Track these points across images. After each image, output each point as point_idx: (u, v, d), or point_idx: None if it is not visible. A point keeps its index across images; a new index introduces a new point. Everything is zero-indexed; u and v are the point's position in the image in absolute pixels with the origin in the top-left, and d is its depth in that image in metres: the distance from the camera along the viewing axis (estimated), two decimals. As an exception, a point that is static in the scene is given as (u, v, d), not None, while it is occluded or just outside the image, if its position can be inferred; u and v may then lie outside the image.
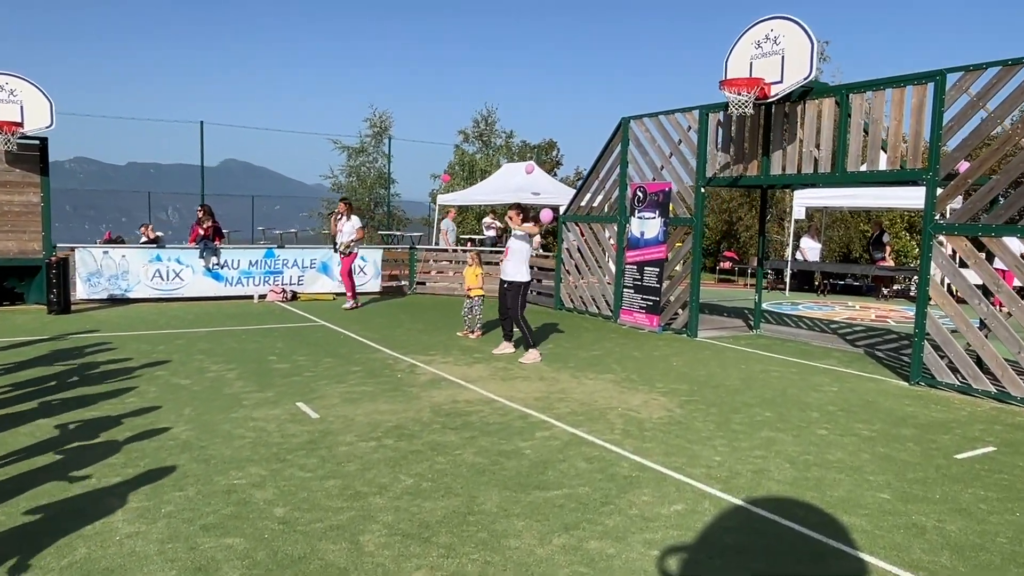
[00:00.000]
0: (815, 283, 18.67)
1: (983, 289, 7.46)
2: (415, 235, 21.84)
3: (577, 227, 12.51)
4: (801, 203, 18.02)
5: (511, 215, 8.78)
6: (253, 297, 13.21)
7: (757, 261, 11.30)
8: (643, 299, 10.87)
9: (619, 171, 11.52)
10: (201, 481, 4.39)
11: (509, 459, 4.94)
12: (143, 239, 14.76)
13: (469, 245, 18.71)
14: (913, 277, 17.03)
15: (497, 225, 19.76)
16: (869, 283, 18.55)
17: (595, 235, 12.13)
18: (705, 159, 10.07)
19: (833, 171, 8.57)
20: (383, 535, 3.72)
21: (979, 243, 7.42)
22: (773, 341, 10.21)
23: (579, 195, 12.62)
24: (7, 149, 10.82)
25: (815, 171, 8.78)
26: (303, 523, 3.84)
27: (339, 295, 14.09)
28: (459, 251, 15.74)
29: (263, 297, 13.27)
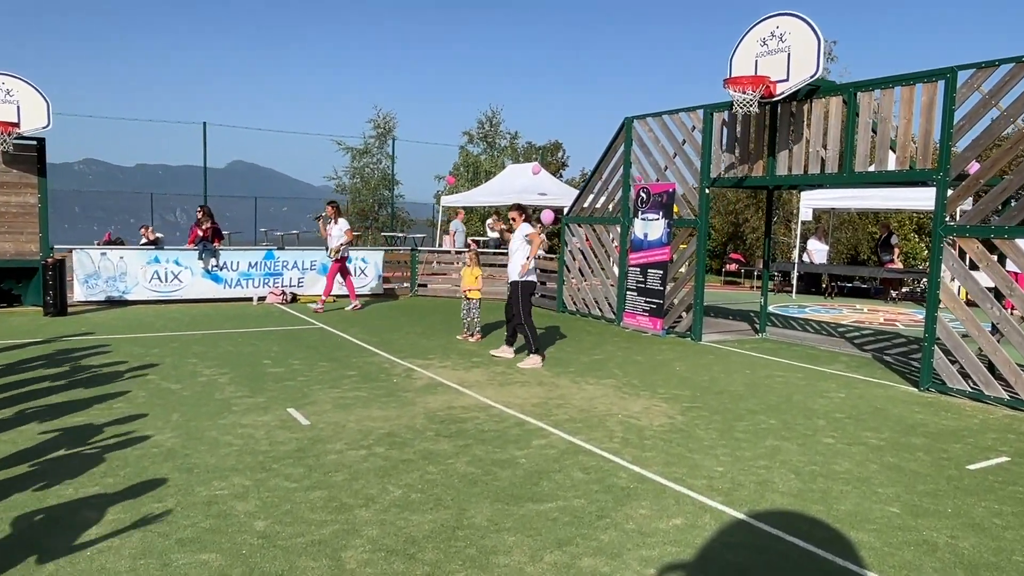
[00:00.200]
0: (822, 285, 18.42)
1: (995, 292, 7.25)
2: (418, 236, 21.68)
3: (580, 228, 12.33)
4: (808, 204, 17.78)
5: (512, 216, 8.64)
6: (252, 299, 13.07)
7: (763, 263, 11.09)
8: (646, 302, 10.68)
9: (622, 172, 11.34)
10: (182, 492, 4.23)
11: (503, 469, 4.77)
12: (143, 240, 14.64)
13: (474, 246, 18.52)
14: (922, 280, 16.78)
15: (501, 227, 19.59)
16: (877, 286, 18.31)
17: (598, 237, 11.94)
18: (710, 159, 9.88)
19: (840, 171, 8.37)
20: (366, 551, 3.55)
21: (991, 245, 7.21)
22: (779, 345, 10.01)
23: (582, 196, 12.44)
24: (3, 150, 10.71)
25: (822, 171, 8.58)
26: (284, 537, 3.67)
27: (339, 297, 13.95)
28: (462, 252, 15.56)
29: (262, 299, 13.13)
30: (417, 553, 3.54)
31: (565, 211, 13.02)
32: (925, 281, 16.28)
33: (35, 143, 11.47)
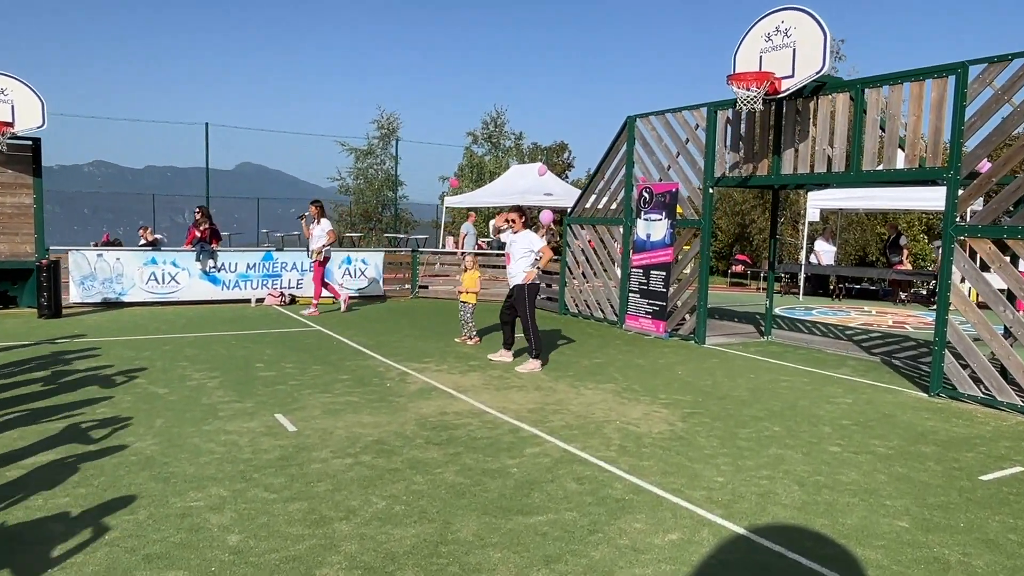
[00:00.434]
0: (830, 287, 18.15)
1: (1008, 294, 7.02)
2: (420, 237, 21.51)
3: (582, 229, 12.12)
4: (815, 205, 17.53)
5: (513, 218, 8.39)
6: (250, 301, 12.92)
7: (768, 264, 10.86)
8: (649, 304, 10.47)
9: (625, 171, 11.13)
10: (155, 503, 4.05)
11: (493, 479, 4.57)
12: (141, 241, 14.52)
13: (482, 247, 18.28)
14: (929, 281, 16.51)
15: (500, 224, 19.38)
16: (886, 287, 18.03)
17: (600, 238, 11.74)
18: (713, 158, 9.66)
19: (848, 170, 8.14)
20: (342, 568, 3.36)
21: (1003, 245, 6.97)
22: (785, 348, 9.78)
23: (584, 196, 12.23)
24: (-2, 150, 10.60)
25: (829, 170, 8.35)
26: (257, 553, 3.49)
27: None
28: (464, 254, 15.37)
29: (261, 301, 12.98)
30: (396, 571, 3.35)
31: (568, 211, 12.82)
32: (932, 282, 16.03)
33: (30, 143, 11.34)
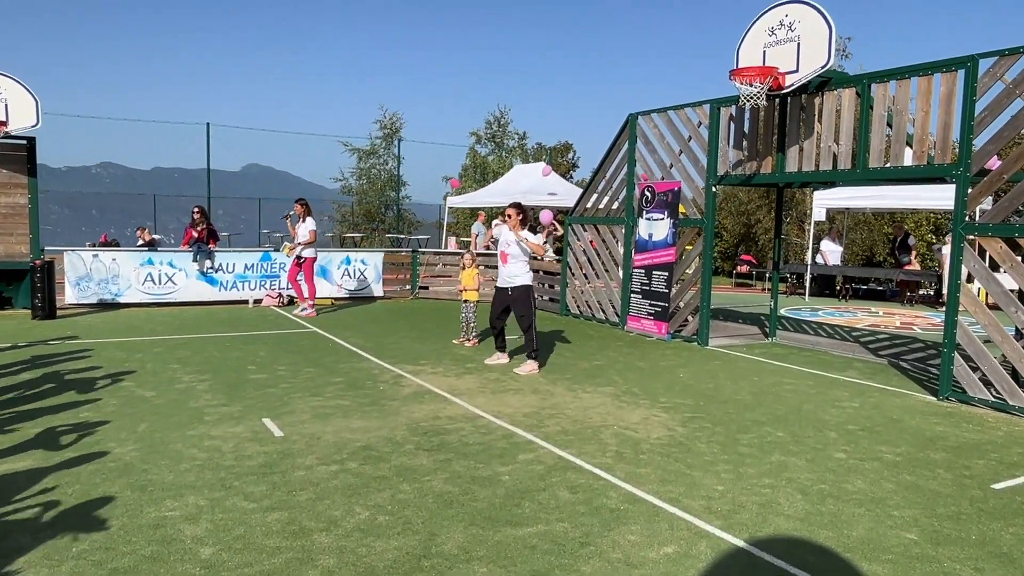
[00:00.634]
0: (836, 288, 17.91)
1: (1019, 295, 6.80)
2: (421, 238, 21.34)
3: (584, 229, 11.93)
4: (821, 204, 17.29)
5: (509, 213, 8.11)
6: (248, 302, 12.77)
7: (772, 265, 10.65)
8: (651, 305, 10.27)
9: (626, 170, 10.94)
10: (129, 513, 3.89)
11: (483, 487, 4.39)
12: (139, 242, 14.40)
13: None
14: (935, 282, 16.25)
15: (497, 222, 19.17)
16: (893, 288, 17.78)
17: (602, 238, 11.54)
18: (716, 156, 9.46)
19: (854, 168, 7.93)
20: (318, 584, 3.19)
21: (1014, 244, 6.75)
22: (789, 350, 9.57)
23: (585, 196, 12.05)
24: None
25: (834, 168, 8.14)
26: (229, 568, 3.32)
27: (337, 299, 13.64)
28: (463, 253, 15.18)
29: (258, 302, 12.83)
30: (374, 587, 3.17)
31: (569, 211, 12.63)
32: (936, 284, 15.78)
33: (25, 142, 11.22)
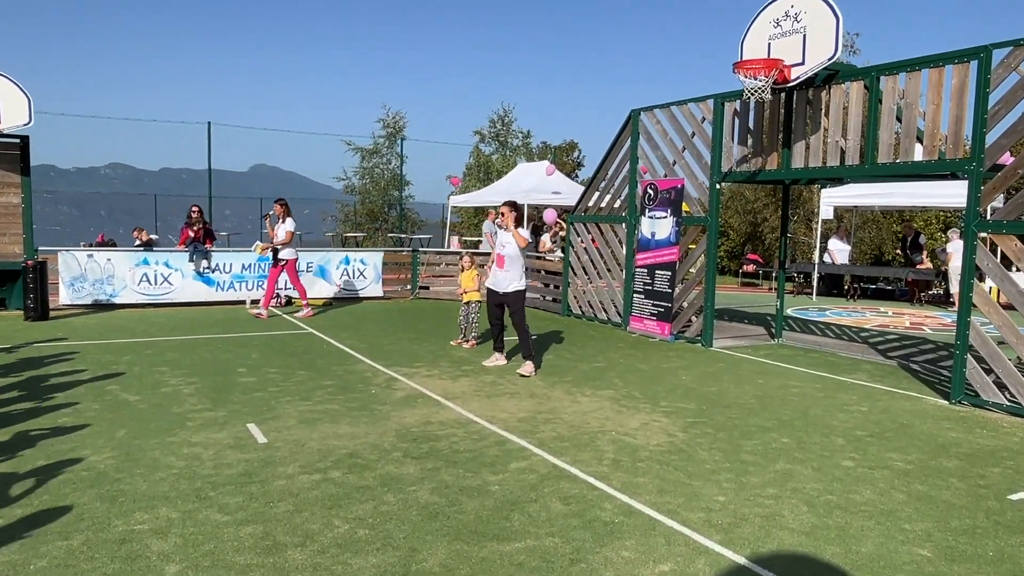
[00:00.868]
0: (844, 287, 17.62)
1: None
2: (423, 237, 21.13)
3: (586, 228, 11.70)
4: (829, 202, 17.00)
5: (503, 211, 7.89)
6: (245, 302, 12.58)
7: (778, 263, 10.39)
8: (654, 305, 10.03)
9: (628, 167, 10.70)
10: (95, 526, 3.69)
11: (471, 498, 4.17)
12: (136, 242, 14.25)
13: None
14: (942, 282, 15.94)
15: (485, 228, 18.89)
16: (902, 287, 17.48)
17: (604, 236, 11.31)
18: (720, 152, 9.22)
19: (862, 163, 7.69)
20: (286, 607, 2.98)
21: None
22: (796, 352, 9.31)
23: (587, 194, 11.82)
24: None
25: (842, 163, 7.90)
26: (194, 587, 3.11)
27: (335, 300, 13.45)
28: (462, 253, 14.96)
29: (256, 302, 12.63)
30: (346, 610, 2.96)
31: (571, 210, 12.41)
32: (944, 283, 15.46)
33: (18, 141, 11.06)
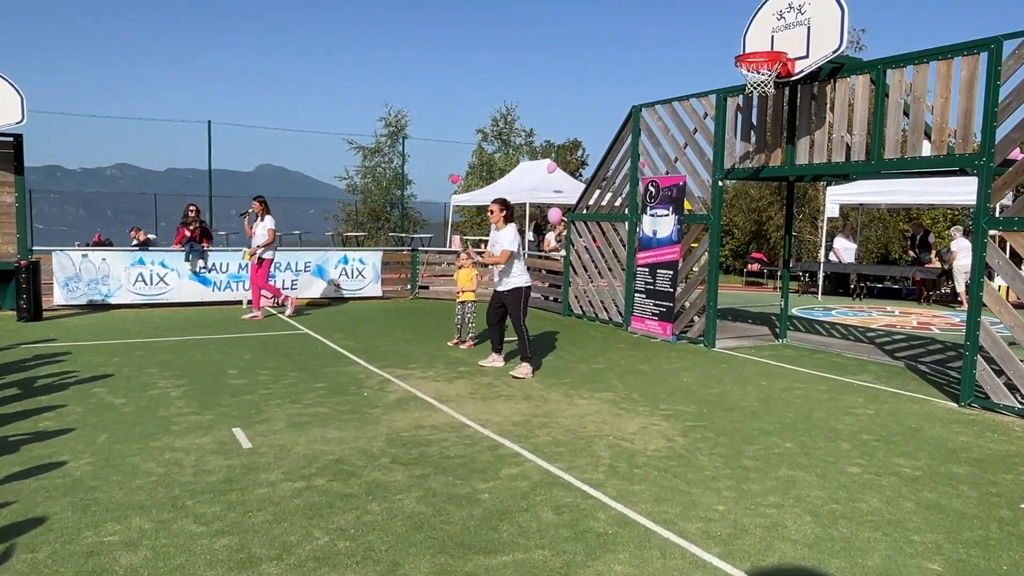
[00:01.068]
0: (850, 286, 17.39)
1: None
2: (424, 236, 20.97)
3: (586, 227, 11.51)
4: (834, 200, 16.78)
5: (492, 209, 7.64)
6: (242, 302, 12.43)
7: (782, 262, 10.19)
8: (655, 305, 9.84)
9: (630, 164, 10.51)
10: (64, 538, 3.52)
11: (460, 507, 4.00)
12: (134, 242, 14.12)
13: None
14: (949, 281, 15.69)
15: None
16: (909, 286, 17.24)
17: (605, 235, 11.12)
18: (723, 149, 9.02)
19: (868, 159, 7.48)
20: (256, 626, 2.81)
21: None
22: (800, 352, 9.11)
23: (588, 192, 11.63)
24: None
25: (847, 159, 7.70)
26: (160, 605, 2.95)
27: (334, 300, 13.30)
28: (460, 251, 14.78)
29: (251, 302, 12.46)
30: (319, 630, 2.79)
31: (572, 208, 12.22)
32: (951, 282, 15.21)
33: (11, 140, 10.93)
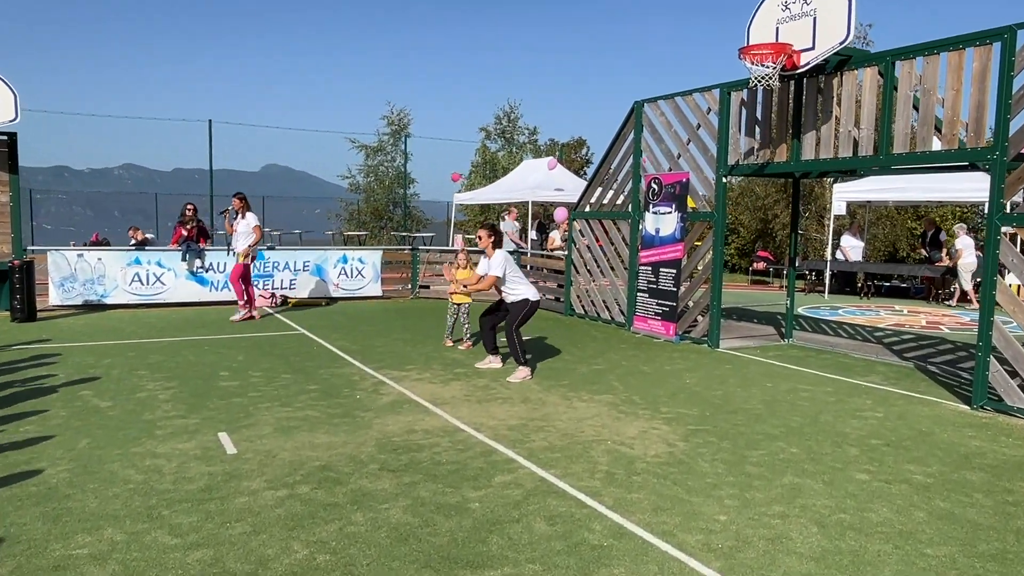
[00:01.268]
0: (857, 285, 17.14)
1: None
2: (426, 235, 20.80)
3: (588, 225, 11.32)
4: (841, 197, 16.53)
5: (480, 235, 7.45)
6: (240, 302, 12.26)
7: (788, 260, 9.97)
8: (658, 304, 9.64)
9: (632, 161, 10.32)
10: (31, 550, 3.36)
11: (448, 518, 3.82)
12: (132, 242, 13.99)
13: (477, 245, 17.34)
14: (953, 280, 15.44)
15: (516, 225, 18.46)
16: (917, 285, 16.99)
17: (607, 233, 10.93)
18: (727, 144, 8.82)
19: (876, 154, 7.27)
20: (223, 650, 2.63)
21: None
22: (807, 352, 8.90)
23: (590, 189, 11.43)
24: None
25: (855, 154, 7.49)
26: (123, 625, 2.77)
27: (333, 300, 13.14)
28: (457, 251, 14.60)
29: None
30: (290, 654, 2.61)
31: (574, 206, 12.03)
32: (956, 281, 14.94)
33: (5, 138, 10.80)
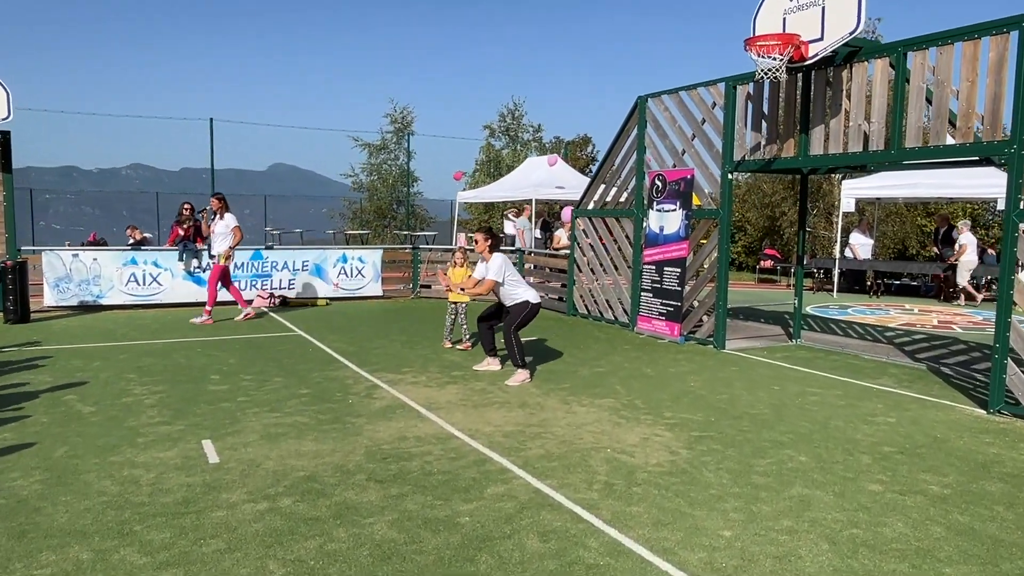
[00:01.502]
0: (867, 283, 16.85)
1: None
2: (429, 234, 20.60)
3: (591, 222, 11.08)
4: (850, 194, 16.24)
5: (477, 238, 7.27)
6: (238, 303, 12.07)
7: (796, 258, 9.72)
8: (662, 304, 9.41)
9: (635, 158, 10.08)
10: (-10, 570, 3.17)
11: (435, 533, 3.60)
12: (130, 241, 13.83)
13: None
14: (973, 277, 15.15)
15: (516, 224, 18.22)
16: (928, 283, 16.68)
17: (610, 231, 10.70)
18: (732, 140, 8.57)
19: (888, 148, 7.02)
20: None
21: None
22: (815, 354, 8.65)
23: (592, 187, 11.20)
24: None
25: (865, 149, 7.23)
26: (77, 656, 2.57)
27: (333, 300, 12.94)
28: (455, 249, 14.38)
29: (248, 303, 12.13)
30: None
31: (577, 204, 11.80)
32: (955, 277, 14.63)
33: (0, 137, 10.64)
